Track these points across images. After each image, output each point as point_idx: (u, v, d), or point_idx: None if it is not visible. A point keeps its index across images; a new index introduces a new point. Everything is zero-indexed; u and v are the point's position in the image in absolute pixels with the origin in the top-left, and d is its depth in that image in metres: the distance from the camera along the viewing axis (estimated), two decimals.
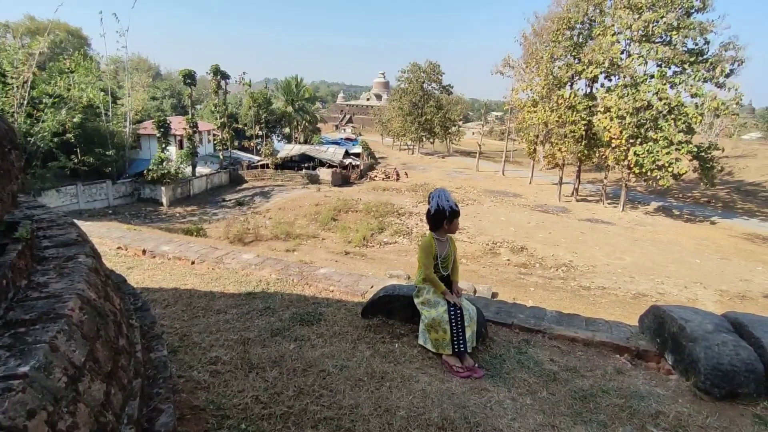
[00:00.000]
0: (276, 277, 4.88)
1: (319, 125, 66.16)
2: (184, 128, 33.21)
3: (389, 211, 25.78)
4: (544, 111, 32.04)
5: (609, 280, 16.62)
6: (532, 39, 37.34)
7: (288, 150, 44.27)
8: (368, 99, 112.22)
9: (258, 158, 44.22)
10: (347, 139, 64.29)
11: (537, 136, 35.72)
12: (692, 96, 27.15)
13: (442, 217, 3.28)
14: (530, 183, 39.81)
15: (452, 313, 3.17)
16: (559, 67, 32.47)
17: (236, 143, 49.37)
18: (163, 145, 30.92)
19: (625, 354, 3.46)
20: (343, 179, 38.19)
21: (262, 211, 27.49)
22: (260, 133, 50.19)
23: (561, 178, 34.13)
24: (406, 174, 40.63)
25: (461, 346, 3.13)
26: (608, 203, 32.57)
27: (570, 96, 31.16)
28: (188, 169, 33.26)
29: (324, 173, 37.32)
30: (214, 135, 43.24)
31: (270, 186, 34.89)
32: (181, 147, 35.66)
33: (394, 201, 28.16)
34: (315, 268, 5.04)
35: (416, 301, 3.40)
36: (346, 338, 3.39)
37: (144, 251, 5.81)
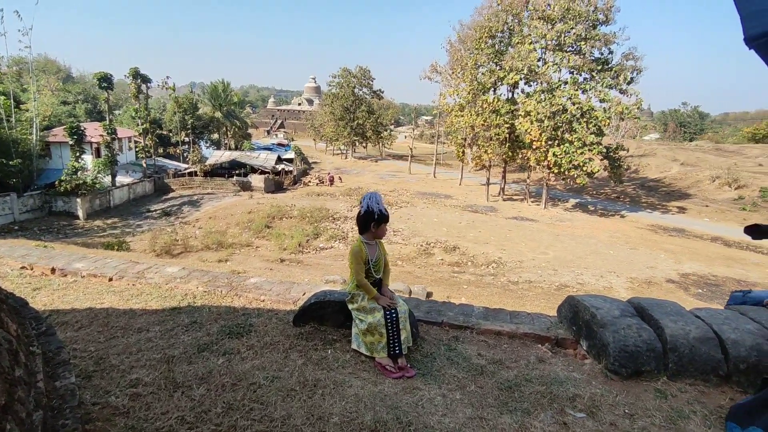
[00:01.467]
0: (203, 290, 4.67)
1: (250, 131, 64.36)
2: (102, 135, 30.85)
3: (324, 216, 25.60)
4: (471, 115, 33.40)
5: (535, 273, 17.62)
6: (457, 46, 38.77)
7: (217, 156, 42.70)
8: (300, 104, 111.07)
9: (185, 166, 42.17)
10: (279, 144, 63.08)
11: (465, 139, 37.13)
12: (600, 101, 29.63)
13: (370, 220, 3.32)
14: (460, 184, 41.30)
15: (388, 317, 3.22)
16: (482, 74, 34.00)
17: (161, 150, 46.73)
18: (77, 154, 28.49)
19: (546, 343, 3.68)
20: (276, 185, 37.45)
21: (192, 221, 26.21)
22: (187, 139, 47.91)
23: (488, 179, 35.75)
24: (340, 178, 40.58)
25: (396, 348, 3.19)
26: (532, 201, 34.58)
27: (493, 101, 32.77)
28: (107, 179, 30.91)
29: (256, 180, 36.38)
30: (135, 142, 40.55)
31: (199, 194, 33.37)
32: (98, 155, 33.07)
33: (328, 206, 28.00)
34: (245, 277, 4.89)
35: (351, 307, 3.40)
36: (277, 348, 3.32)
37: (53, 270, 5.32)
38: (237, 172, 39.05)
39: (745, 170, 38.50)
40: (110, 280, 5.03)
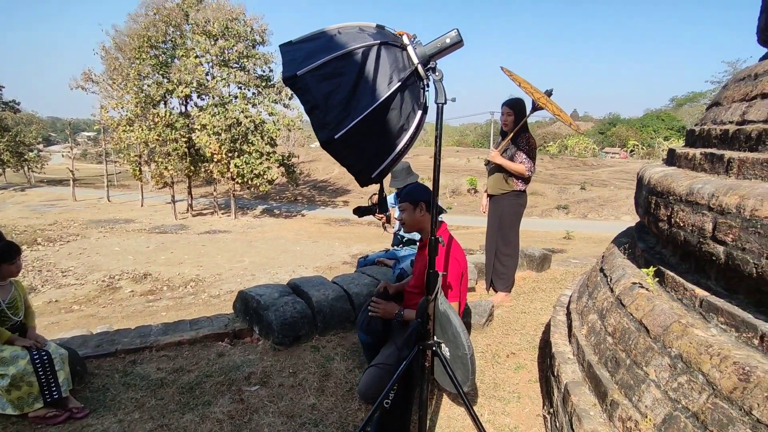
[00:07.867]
0: None
1: None
2: None
3: None
4: (142, 130, 30.63)
5: (235, 283, 17.97)
6: (113, 53, 34.48)
7: None
8: None
9: None
10: None
11: (140, 156, 33.81)
12: (269, 114, 32.35)
13: None
14: (142, 206, 37.43)
15: (37, 361, 2.87)
16: (149, 85, 31.65)
17: None
18: None
19: (226, 338, 4.07)
20: None
21: None
22: None
23: (173, 196, 33.75)
24: None
25: (55, 393, 2.88)
26: (222, 213, 34.73)
27: (166, 114, 31.01)
28: None
29: None
30: None
31: None
32: None
33: None
34: None
35: None
36: None
37: None
38: None
39: None
40: None
